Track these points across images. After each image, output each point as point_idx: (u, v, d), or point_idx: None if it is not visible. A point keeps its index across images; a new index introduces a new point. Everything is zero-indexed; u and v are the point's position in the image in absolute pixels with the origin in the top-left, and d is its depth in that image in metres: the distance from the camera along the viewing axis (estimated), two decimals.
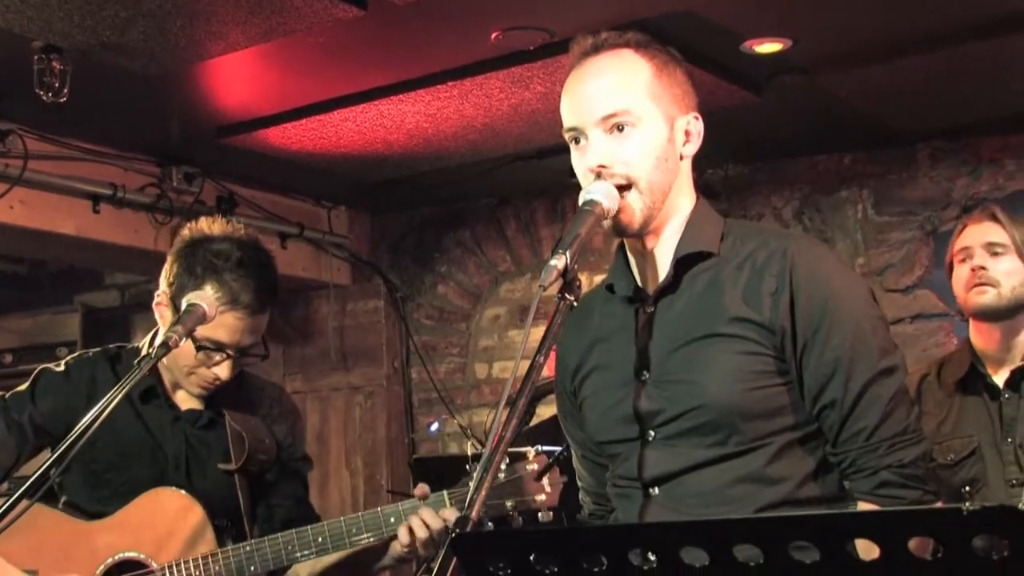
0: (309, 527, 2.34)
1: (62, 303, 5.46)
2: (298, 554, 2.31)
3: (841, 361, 1.75)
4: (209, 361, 2.40)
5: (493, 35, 3.24)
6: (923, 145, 4.33)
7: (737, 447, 1.76)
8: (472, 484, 1.49)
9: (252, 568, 2.32)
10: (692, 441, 1.77)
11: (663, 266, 1.86)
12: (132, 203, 4.23)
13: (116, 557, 2.37)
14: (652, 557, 1.22)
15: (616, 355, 1.88)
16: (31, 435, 2.45)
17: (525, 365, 1.63)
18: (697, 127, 1.87)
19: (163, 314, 2.46)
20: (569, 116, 1.85)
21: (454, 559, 1.37)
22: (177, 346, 2.25)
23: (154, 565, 2.36)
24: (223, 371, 2.40)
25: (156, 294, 2.48)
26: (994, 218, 2.77)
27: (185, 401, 2.51)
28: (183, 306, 2.33)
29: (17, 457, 2.44)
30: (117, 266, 5.24)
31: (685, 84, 1.88)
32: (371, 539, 2.30)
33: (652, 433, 1.81)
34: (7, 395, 2.50)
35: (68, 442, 2.03)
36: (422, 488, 2.31)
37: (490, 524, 2.21)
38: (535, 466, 2.24)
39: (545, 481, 2.23)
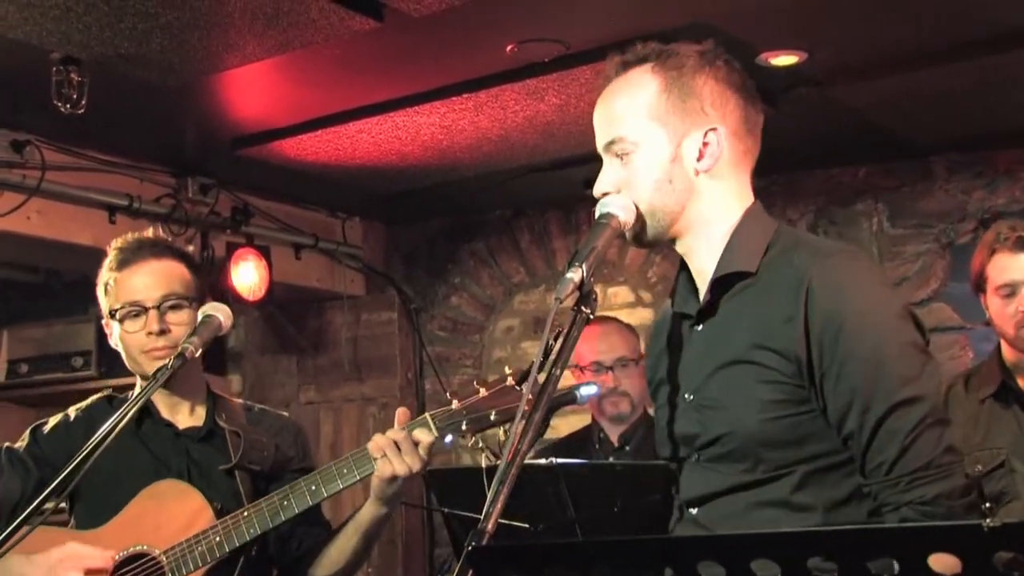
0: (302, 479, 2.34)
1: (77, 313, 5.46)
2: (295, 506, 2.31)
3: (857, 391, 1.67)
4: (140, 327, 2.43)
5: (508, 47, 3.24)
6: (938, 158, 4.31)
7: (764, 474, 1.73)
8: (488, 497, 1.49)
9: (251, 531, 2.32)
10: (728, 466, 1.76)
11: (706, 285, 1.84)
12: (148, 214, 4.25)
13: (121, 555, 2.38)
14: (669, 571, 1.21)
15: (671, 372, 1.88)
16: (35, 469, 2.46)
17: (541, 378, 1.63)
18: (715, 138, 1.80)
19: (116, 341, 2.51)
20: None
21: (470, 571, 1.37)
22: (193, 356, 2.26)
23: (157, 552, 2.36)
24: (152, 325, 2.42)
25: (103, 325, 2.57)
26: None
27: (184, 421, 2.53)
28: (199, 318, 2.35)
29: (22, 493, 2.44)
30: None
31: (709, 94, 1.82)
32: (362, 476, 2.29)
33: (695, 455, 1.81)
34: (5, 445, 2.53)
35: (74, 464, 2.05)
36: (403, 411, 2.31)
37: (478, 438, 2.22)
38: (511, 378, 2.24)
39: (525, 388, 2.21)
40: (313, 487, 2.31)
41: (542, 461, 2.73)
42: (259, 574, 2.50)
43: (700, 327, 1.84)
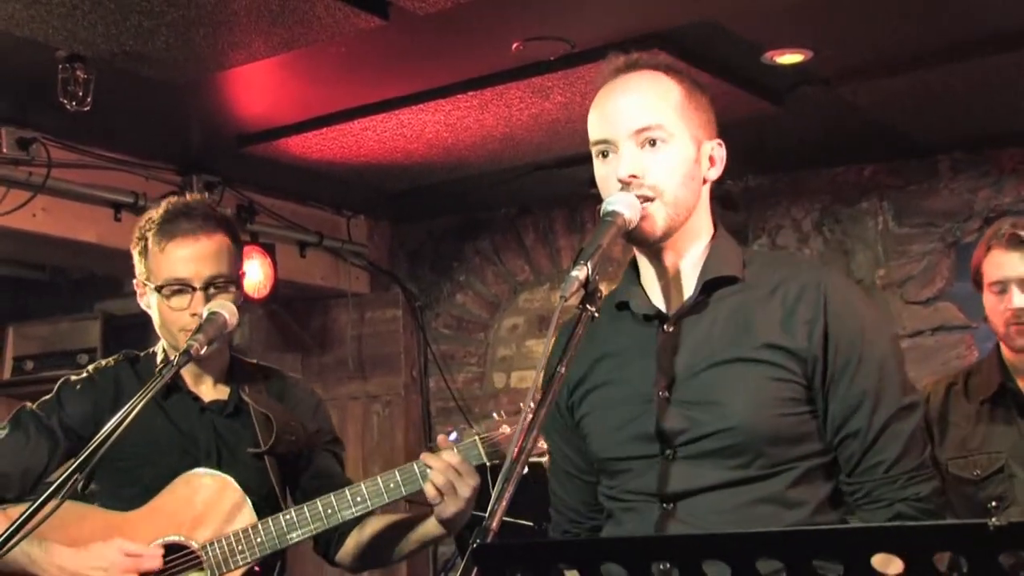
0: (347, 488, 2.35)
1: (82, 310, 5.48)
2: (339, 515, 2.32)
3: (868, 393, 1.78)
4: (184, 306, 2.40)
5: (513, 45, 3.24)
6: (944, 156, 4.31)
7: (760, 470, 1.77)
8: (493, 494, 1.49)
9: (294, 535, 2.33)
10: (715, 462, 1.78)
11: (686, 287, 1.86)
12: None
13: (157, 543, 2.37)
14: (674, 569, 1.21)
15: (630, 372, 1.87)
16: (62, 438, 2.45)
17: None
18: (721, 153, 1.89)
19: (148, 304, 2.48)
20: (600, 129, 1.85)
21: (475, 569, 1.37)
22: (199, 354, 2.27)
23: (195, 545, 2.36)
24: (199, 308, 2.39)
25: (134, 284, 2.51)
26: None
27: (208, 393, 2.53)
28: (204, 315, 2.36)
29: (48, 461, 2.44)
30: None
31: (710, 111, 1.90)
32: (408, 493, 2.30)
33: (671, 451, 1.81)
34: (35, 404, 2.51)
35: (93, 446, 2.05)
36: (443, 438, 2.30)
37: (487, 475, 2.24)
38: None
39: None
40: (359, 499, 2.32)
41: (546, 460, 2.73)
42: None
43: (671, 328, 1.85)
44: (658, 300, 1.89)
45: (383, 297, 5.27)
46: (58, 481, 2.00)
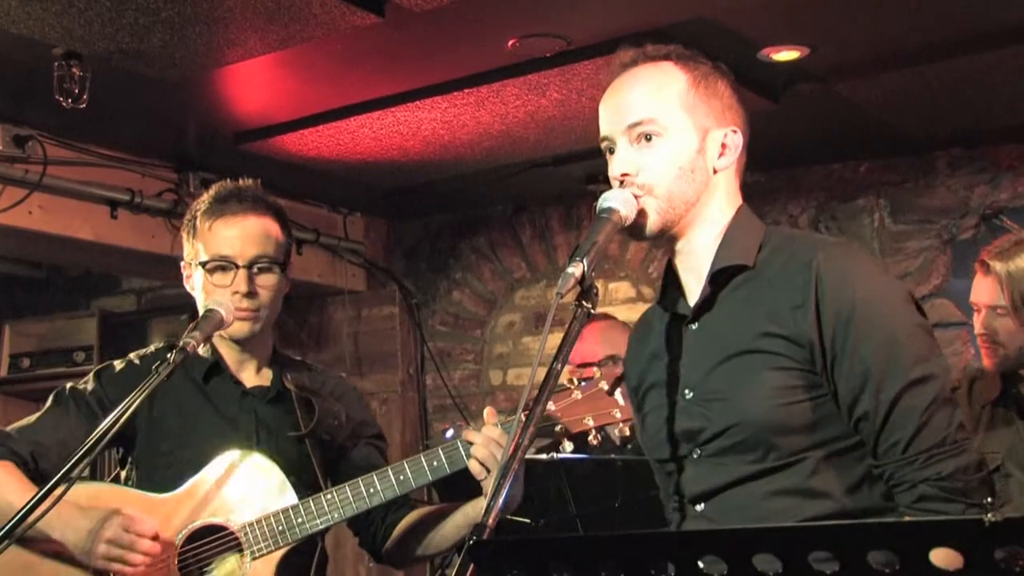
0: (388, 467, 2.33)
1: (79, 308, 5.48)
2: (381, 495, 2.30)
3: (871, 372, 1.69)
4: (227, 283, 2.40)
5: (510, 42, 3.24)
6: (941, 153, 4.31)
7: (776, 462, 1.73)
8: (489, 491, 1.49)
9: (336, 515, 2.32)
10: (734, 458, 1.76)
11: (702, 281, 1.85)
12: (149, 208, 4.26)
13: (194, 524, 2.36)
14: (671, 567, 1.21)
15: (665, 373, 1.87)
16: (100, 413, 2.43)
17: (541, 372, 1.64)
18: (735, 140, 1.86)
19: (193, 285, 2.50)
20: (602, 125, 1.87)
21: (471, 566, 1.37)
22: (195, 351, 2.27)
23: (234, 527, 2.35)
24: (241, 285, 2.40)
25: (181, 266, 2.53)
26: (992, 272, 2.75)
27: (251, 379, 2.53)
28: (201, 312, 2.36)
29: (86, 437, 2.41)
30: (134, 271, 5.27)
31: (727, 98, 1.88)
32: (452, 470, 2.28)
33: (697, 451, 1.80)
34: (70, 385, 2.51)
35: (91, 442, 2.05)
36: (491, 411, 2.27)
37: (569, 445, 2.18)
38: (605, 383, 2.16)
39: (618, 394, 2.13)
40: (401, 477, 2.30)
41: (543, 456, 2.73)
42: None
43: (695, 325, 1.85)
44: (687, 296, 1.88)
45: (379, 294, 5.27)
46: (64, 468, 2.02)
